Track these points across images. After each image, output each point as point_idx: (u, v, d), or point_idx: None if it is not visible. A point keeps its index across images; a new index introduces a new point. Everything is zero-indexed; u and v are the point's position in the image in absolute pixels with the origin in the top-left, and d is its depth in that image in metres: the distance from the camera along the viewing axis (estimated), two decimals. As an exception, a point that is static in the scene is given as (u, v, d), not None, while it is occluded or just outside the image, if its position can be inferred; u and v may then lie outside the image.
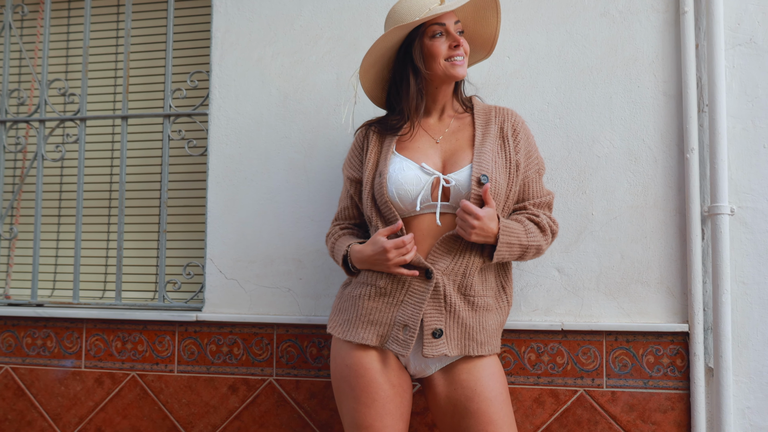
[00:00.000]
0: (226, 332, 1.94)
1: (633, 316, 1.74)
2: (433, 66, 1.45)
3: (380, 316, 1.42)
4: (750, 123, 1.73)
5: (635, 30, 1.79)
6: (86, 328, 2.03)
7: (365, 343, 1.41)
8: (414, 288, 1.40)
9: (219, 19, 2.03)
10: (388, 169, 1.44)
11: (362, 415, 1.38)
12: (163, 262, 2.05)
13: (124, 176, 2.11)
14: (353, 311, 1.45)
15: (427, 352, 1.37)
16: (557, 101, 1.82)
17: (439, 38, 1.43)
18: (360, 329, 1.42)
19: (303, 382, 1.89)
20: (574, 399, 1.74)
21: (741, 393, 1.68)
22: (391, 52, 1.48)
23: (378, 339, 1.41)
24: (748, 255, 1.71)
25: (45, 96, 2.19)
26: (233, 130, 1.99)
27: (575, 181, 1.79)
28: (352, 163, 1.58)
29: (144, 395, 1.97)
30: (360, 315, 1.44)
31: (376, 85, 1.56)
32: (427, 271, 1.39)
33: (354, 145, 1.60)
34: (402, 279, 1.41)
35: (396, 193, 1.41)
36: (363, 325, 1.43)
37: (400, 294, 1.41)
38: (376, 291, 1.43)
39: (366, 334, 1.42)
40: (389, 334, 1.41)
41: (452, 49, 1.44)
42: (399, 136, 1.50)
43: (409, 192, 1.40)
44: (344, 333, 1.45)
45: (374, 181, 1.47)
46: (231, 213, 1.97)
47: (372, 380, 1.39)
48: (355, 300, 1.46)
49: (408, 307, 1.40)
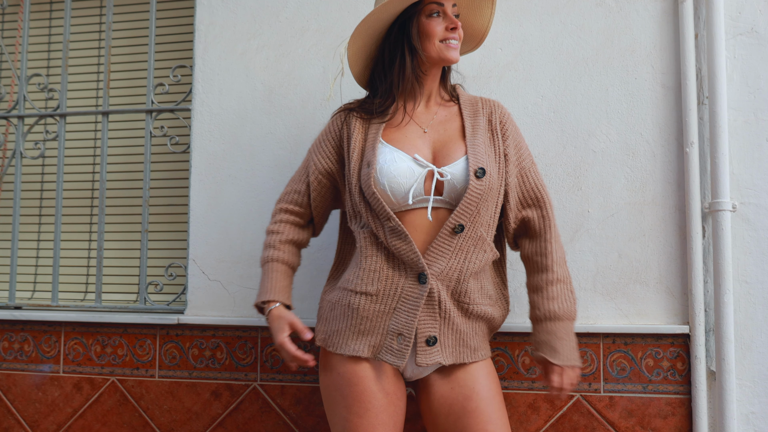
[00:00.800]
0: (209, 335, 1.86)
1: (631, 318, 1.67)
2: (427, 46, 1.36)
3: (371, 325, 1.33)
4: (752, 115, 1.66)
5: (632, 19, 1.73)
6: (65, 332, 1.96)
7: (357, 355, 1.32)
8: (407, 294, 1.31)
9: (202, 11, 1.96)
10: (377, 160, 1.33)
11: (354, 426, 1.30)
12: (145, 263, 1.98)
13: (105, 174, 2.04)
14: (342, 321, 1.36)
15: (421, 361, 1.30)
16: (551, 94, 1.75)
17: (436, 18, 1.36)
18: (351, 341, 1.34)
19: (288, 387, 1.81)
20: (570, 404, 1.67)
21: (745, 397, 1.61)
22: (383, 26, 1.38)
23: (371, 350, 1.32)
24: (751, 253, 1.64)
25: (24, 92, 2.12)
26: (217, 126, 1.93)
27: (570, 177, 1.73)
28: (322, 149, 1.46)
29: (124, 401, 1.89)
30: (350, 325, 1.34)
31: (360, 60, 1.44)
32: (422, 275, 1.31)
33: (328, 130, 1.47)
34: (394, 284, 1.32)
35: (388, 186, 1.31)
36: (353, 336, 1.34)
37: (392, 301, 1.32)
38: (366, 298, 1.33)
39: (357, 346, 1.33)
40: (382, 344, 1.32)
41: (448, 31, 1.36)
42: (386, 122, 1.40)
43: (402, 185, 1.31)
44: (334, 345, 1.36)
45: (361, 173, 1.37)
46: (214, 212, 1.90)
47: (365, 389, 1.31)
48: (344, 309, 1.36)
49: (401, 314, 1.31)
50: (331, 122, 1.47)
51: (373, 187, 1.32)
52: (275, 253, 1.44)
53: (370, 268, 1.34)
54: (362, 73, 1.47)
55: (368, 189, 1.33)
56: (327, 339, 1.38)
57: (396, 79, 1.38)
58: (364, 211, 1.35)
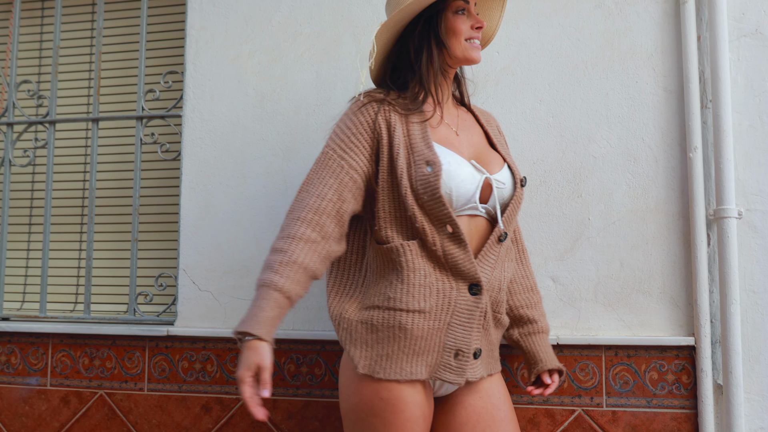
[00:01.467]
0: (199, 348, 1.81)
1: (634, 329, 1.62)
2: (453, 44, 1.30)
3: (426, 344, 1.22)
4: (757, 119, 1.61)
5: (633, 21, 1.68)
6: (52, 344, 1.91)
7: (416, 378, 1.21)
8: (461, 307, 1.24)
9: (194, 15, 1.93)
10: (440, 161, 1.22)
11: None
12: (135, 273, 1.94)
13: (95, 182, 2.00)
14: (392, 343, 1.22)
15: (471, 376, 1.27)
16: (550, 98, 1.70)
17: (461, 16, 1.30)
18: (405, 364, 1.21)
19: (280, 401, 1.76)
20: (572, 419, 1.61)
21: (753, 412, 1.55)
22: (409, 19, 1.29)
23: (428, 370, 1.23)
24: (758, 261, 1.58)
25: (13, 98, 2.08)
26: (208, 133, 1.88)
27: (570, 184, 1.68)
28: (355, 145, 1.26)
29: (112, 415, 1.84)
30: (403, 347, 1.21)
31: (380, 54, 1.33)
32: (473, 285, 1.24)
33: (357, 123, 1.27)
34: (446, 297, 1.23)
35: (454, 191, 1.22)
36: (408, 357, 1.21)
37: (446, 315, 1.23)
38: (420, 316, 1.22)
39: (414, 368, 1.21)
40: (439, 362, 1.24)
41: (474, 30, 1.31)
42: (427, 120, 1.29)
43: (468, 191, 1.23)
44: (384, 371, 1.21)
45: (415, 174, 1.23)
46: (205, 220, 1.85)
47: (410, 416, 1.21)
48: (392, 330, 1.21)
49: (457, 329, 1.24)
50: (358, 113, 1.28)
51: (440, 191, 1.21)
52: (273, 278, 1.16)
53: (420, 282, 1.23)
54: (378, 68, 1.37)
55: (431, 192, 1.21)
56: (374, 366, 1.22)
57: (425, 74, 1.30)
58: (420, 216, 1.23)
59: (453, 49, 1.30)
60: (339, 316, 1.28)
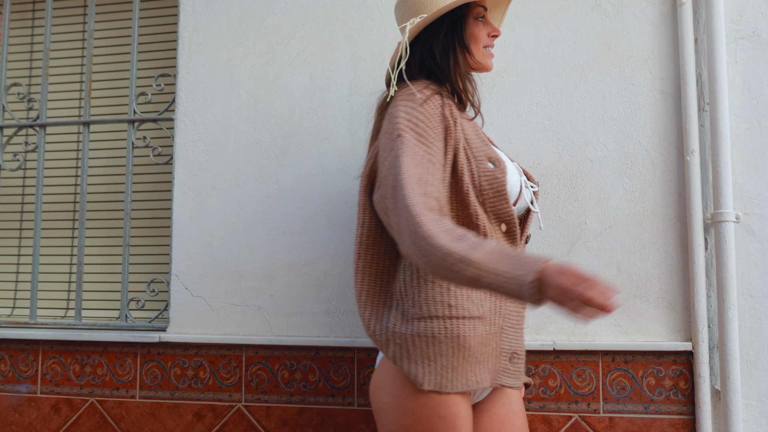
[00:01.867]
0: (192, 354, 1.79)
1: (631, 334, 1.60)
2: (474, 50, 1.28)
3: (485, 350, 1.19)
4: (755, 122, 1.60)
5: (629, 24, 1.67)
6: (42, 351, 1.88)
7: (483, 387, 1.18)
8: (510, 310, 1.23)
9: (186, 17, 1.90)
10: (501, 158, 1.22)
11: None
12: (126, 279, 1.91)
13: (86, 186, 1.97)
14: (456, 354, 1.15)
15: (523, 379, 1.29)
16: (546, 101, 1.69)
17: (480, 22, 1.29)
18: (470, 373, 1.16)
19: (274, 408, 1.73)
20: (569, 426, 1.59)
21: (751, 418, 1.54)
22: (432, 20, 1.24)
23: (491, 376, 1.20)
24: (756, 265, 1.57)
25: (4, 101, 2.06)
26: (200, 136, 1.86)
27: (567, 188, 1.66)
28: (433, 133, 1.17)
29: (104, 423, 1.82)
30: (467, 356, 1.16)
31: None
32: None
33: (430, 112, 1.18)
34: (497, 300, 1.20)
35: (513, 189, 1.23)
36: (472, 367, 1.16)
37: (499, 318, 1.21)
38: (479, 322, 1.18)
39: (480, 377, 1.17)
40: (497, 368, 1.22)
41: (489, 37, 1.31)
42: (473, 119, 1.28)
43: (517, 191, 1.25)
44: (452, 384, 1.14)
45: (478, 170, 1.19)
46: (198, 225, 1.83)
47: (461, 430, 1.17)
48: (453, 340, 1.15)
49: (510, 332, 1.23)
50: (425, 101, 1.19)
51: (506, 187, 1.19)
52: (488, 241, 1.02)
53: None
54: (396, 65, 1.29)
55: (497, 188, 1.18)
56: (440, 380, 1.15)
57: (456, 76, 1.27)
58: (481, 214, 1.18)
59: (474, 54, 1.29)
60: (388, 331, 1.19)
